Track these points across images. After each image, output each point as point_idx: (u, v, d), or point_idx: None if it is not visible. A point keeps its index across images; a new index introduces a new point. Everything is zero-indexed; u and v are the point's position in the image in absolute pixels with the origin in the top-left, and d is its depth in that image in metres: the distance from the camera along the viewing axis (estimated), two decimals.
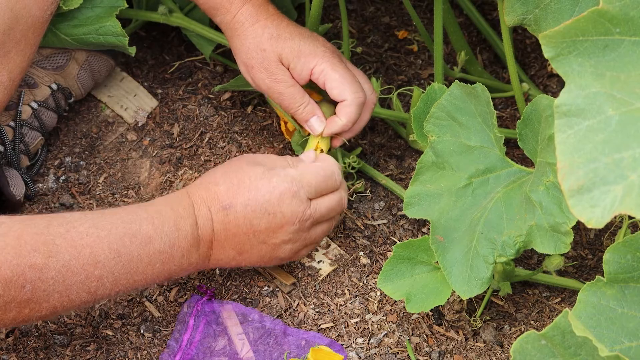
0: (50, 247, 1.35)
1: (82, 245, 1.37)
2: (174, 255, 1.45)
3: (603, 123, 1.06)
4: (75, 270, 1.36)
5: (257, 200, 1.49)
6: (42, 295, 1.34)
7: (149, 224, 1.43)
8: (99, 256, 1.38)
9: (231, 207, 1.49)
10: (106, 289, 1.40)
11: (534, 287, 1.64)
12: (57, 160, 1.80)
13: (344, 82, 1.61)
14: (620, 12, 1.10)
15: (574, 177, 1.03)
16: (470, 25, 1.99)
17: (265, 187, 1.50)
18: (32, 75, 1.77)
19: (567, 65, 1.11)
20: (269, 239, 1.51)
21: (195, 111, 1.86)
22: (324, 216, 1.55)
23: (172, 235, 1.44)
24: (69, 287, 1.36)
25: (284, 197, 1.50)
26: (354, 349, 1.57)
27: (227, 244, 1.50)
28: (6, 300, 1.32)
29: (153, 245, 1.43)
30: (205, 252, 1.49)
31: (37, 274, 1.33)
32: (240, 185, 1.50)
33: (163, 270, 1.45)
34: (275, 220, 1.50)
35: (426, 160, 1.55)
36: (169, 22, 1.82)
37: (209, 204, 1.49)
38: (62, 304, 1.37)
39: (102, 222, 1.41)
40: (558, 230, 1.39)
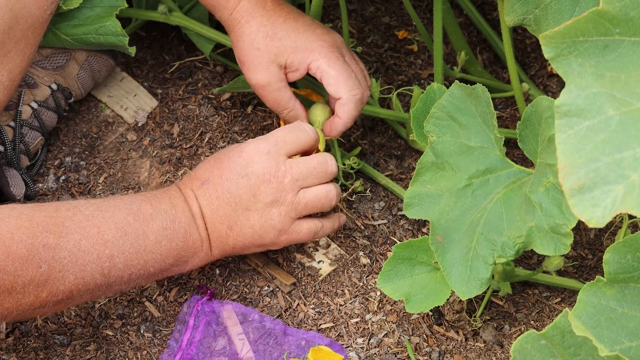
0: (61, 229, 1.37)
1: (89, 225, 1.40)
2: (176, 230, 1.48)
3: (603, 123, 1.06)
4: (86, 249, 1.39)
5: (229, 167, 1.52)
6: (58, 275, 1.36)
7: (147, 204, 1.47)
8: (106, 235, 1.41)
9: (208, 181, 1.52)
10: (119, 270, 1.42)
11: (534, 287, 1.64)
12: (57, 160, 1.80)
13: (340, 79, 1.61)
14: (621, 13, 1.10)
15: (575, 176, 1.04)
16: (470, 25, 1.99)
17: (236, 153, 1.53)
18: (32, 75, 1.77)
19: (567, 65, 1.11)
20: (252, 203, 1.52)
21: (195, 111, 1.86)
22: (304, 176, 1.54)
23: (170, 212, 1.48)
24: (83, 267, 1.38)
25: (253, 156, 1.52)
26: (354, 349, 1.57)
27: (215, 219, 1.52)
28: (24, 280, 1.33)
29: (155, 222, 1.46)
30: (203, 229, 1.51)
31: (51, 253, 1.35)
32: (215, 162, 1.54)
33: (170, 248, 1.47)
34: (250, 182, 1.51)
35: (426, 160, 1.55)
36: (169, 21, 1.82)
37: (190, 186, 1.53)
38: (77, 287, 1.39)
39: (104, 205, 1.45)
40: (558, 231, 1.39)
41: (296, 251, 1.68)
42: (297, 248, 1.68)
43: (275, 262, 1.67)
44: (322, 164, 1.56)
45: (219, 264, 1.66)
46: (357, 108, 1.63)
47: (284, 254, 1.67)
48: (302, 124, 1.59)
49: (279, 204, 1.53)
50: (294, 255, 1.67)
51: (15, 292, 1.34)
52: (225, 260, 1.66)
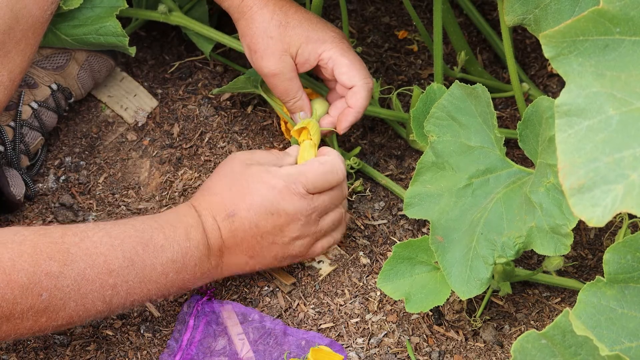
0: (66, 256, 1.36)
1: (96, 253, 1.38)
2: (186, 264, 1.46)
3: (604, 123, 1.06)
4: (90, 278, 1.37)
5: (259, 203, 1.50)
6: (59, 303, 1.35)
7: (160, 233, 1.45)
8: (113, 264, 1.39)
9: (235, 214, 1.50)
10: (121, 298, 1.41)
11: (534, 287, 1.64)
12: (57, 160, 1.80)
13: (353, 68, 1.62)
14: (621, 12, 1.10)
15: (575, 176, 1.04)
16: (470, 25, 1.99)
17: (264, 187, 1.51)
18: (32, 75, 1.77)
19: (567, 65, 1.11)
20: (278, 238, 1.52)
21: (195, 111, 1.86)
22: (328, 207, 1.56)
23: (184, 245, 1.46)
24: (85, 295, 1.37)
25: (283, 194, 1.51)
26: (354, 349, 1.57)
27: (237, 250, 1.51)
28: (23, 308, 1.32)
29: (165, 254, 1.44)
30: (217, 260, 1.50)
31: (54, 281, 1.34)
32: (239, 191, 1.51)
33: (177, 280, 1.46)
34: (280, 220, 1.51)
35: (426, 160, 1.55)
36: (169, 20, 1.82)
37: (213, 214, 1.50)
38: (78, 314, 1.38)
39: (115, 231, 1.42)
40: (558, 231, 1.39)
41: None
42: None
43: None
44: (341, 192, 1.59)
45: None
46: (369, 97, 1.64)
47: None
48: (337, 164, 1.57)
49: (303, 237, 1.55)
50: None
51: (14, 318, 1.33)
52: None
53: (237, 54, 1.92)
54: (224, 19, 1.92)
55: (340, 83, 1.64)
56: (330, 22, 1.68)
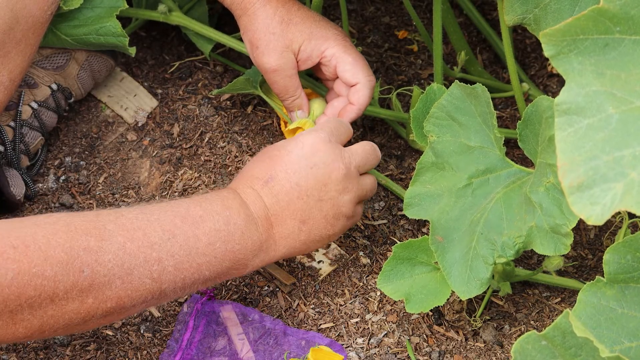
0: (102, 232, 1.31)
1: (133, 228, 1.34)
2: (232, 233, 1.41)
3: (603, 121, 1.06)
4: (132, 252, 1.32)
5: (293, 161, 1.48)
6: (103, 280, 1.29)
7: (197, 206, 1.41)
8: (152, 237, 1.34)
9: (272, 178, 1.47)
10: (170, 274, 1.35)
11: (534, 287, 1.64)
12: (57, 160, 1.80)
13: (357, 65, 1.63)
14: (621, 11, 1.10)
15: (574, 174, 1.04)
16: (470, 25, 1.99)
17: (294, 146, 1.49)
18: (32, 75, 1.77)
19: (567, 63, 1.11)
20: (324, 193, 1.49)
21: (195, 111, 1.86)
22: (364, 162, 1.54)
23: (224, 214, 1.41)
24: (130, 271, 1.31)
25: (316, 145, 1.49)
26: (354, 349, 1.57)
27: (285, 215, 1.47)
28: (66, 285, 1.26)
29: (206, 224, 1.39)
30: (267, 229, 1.46)
31: (94, 256, 1.28)
32: (272, 158, 1.49)
33: (226, 251, 1.40)
34: (319, 172, 1.49)
35: (426, 160, 1.55)
36: (168, 20, 1.82)
37: (250, 185, 1.47)
38: (126, 293, 1.31)
39: (148, 208, 1.38)
40: (558, 231, 1.39)
41: None
42: None
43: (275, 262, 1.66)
44: (375, 150, 1.58)
45: None
46: (371, 95, 1.64)
47: None
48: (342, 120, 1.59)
49: (348, 190, 1.51)
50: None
51: (58, 298, 1.26)
52: None
53: (237, 54, 1.92)
54: (224, 19, 1.92)
55: (343, 80, 1.64)
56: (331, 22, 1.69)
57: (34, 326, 1.27)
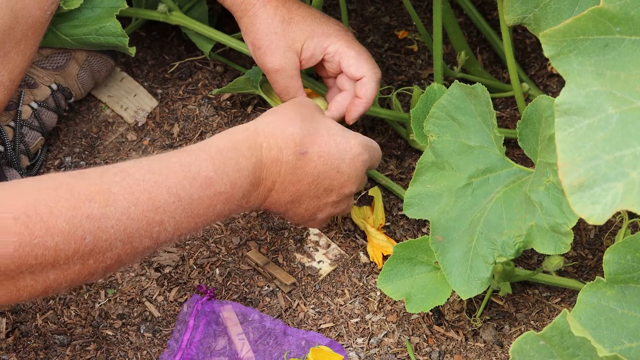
0: (107, 196, 1.29)
1: (139, 191, 1.32)
2: (234, 195, 1.41)
3: (603, 121, 1.06)
4: (136, 217, 1.31)
5: (332, 155, 1.48)
6: (105, 245, 1.29)
7: (209, 164, 1.39)
8: (158, 201, 1.33)
9: (307, 154, 1.47)
10: (168, 234, 1.36)
11: (534, 287, 1.64)
12: (57, 160, 1.80)
13: (361, 59, 1.63)
14: (621, 11, 1.10)
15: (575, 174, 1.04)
16: (470, 25, 1.99)
17: (343, 145, 1.50)
18: (32, 75, 1.77)
19: (567, 64, 1.11)
20: (324, 195, 1.51)
21: (195, 111, 1.86)
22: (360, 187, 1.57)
23: (234, 176, 1.40)
24: (131, 235, 1.31)
25: (357, 160, 1.51)
26: (354, 349, 1.57)
27: (287, 189, 1.47)
28: (67, 254, 1.26)
29: (214, 187, 1.38)
30: (265, 193, 1.46)
31: (96, 223, 1.28)
32: (317, 135, 1.48)
33: (223, 210, 1.41)
34: (339, 180, 1.50)
35: (426, 160, 1.55)
36: (168, 20, 1.82)
37: (281, 146, 1.45)
38: (125, 252, 1.32)
39: (158, 166, 1.36)
40: (558, 230, 1.39)
41: (296, 251, 1.68)
42: (297, 248, 1.68)
43: (275, 262, 1.67)
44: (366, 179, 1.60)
45: (219, 264, 1.66)
46: (377, 87, 1.65)
47: (283, 253, 1.67)
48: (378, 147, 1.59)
49: (337, 206, 1.55)
50: (294, 255, 1.67)
51: (59, 264, 1.26)
52: (225, 260, 1.66)
53: (237, 54, 1.92)
54: (224, 19, 1.92)
55: (349, 75, 1.64)
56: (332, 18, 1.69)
57: (36, 290, 1.28)
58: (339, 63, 1.64)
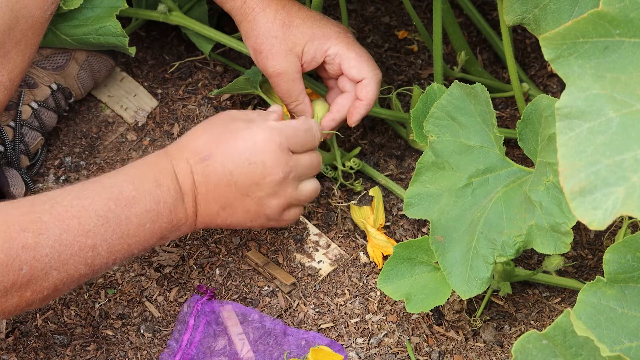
0: (39, 225, 1.33)
1: (68, 217, 1.35)
2: (161, 212, 1.43)
3: (604, 125, 1.06)
4: (68, 243, 1.34)
5: (238, 150, 1.47)
6: (41, 274, 1.32)
7: (130, 185, 1.42)
8: (87, 225, 1.36)
9: (210, 157, 1.47)
10: (103, 258, 1.38)
11: (534, 287, 1.64)
12: (57, 160, 1.80)
13: (362, 61, 1.62)
14: (620, 14, 1.10)
15: (576, 179, 1.04)
16: (470, 25, 1.99)
17: (247, 136, 1.48)
18: (32, 75, 1.77)
19: (567, 67, 1.11)
20: (252, 191, 1.49)
21: (195, 111, 1.86)
22: (305, 173, 1.53)
23: (155, 192, 1.43)
24: (65, 261, 1.34)
25: (266, 145, 1.48)
26: (354, 349, 1.57)
27: (209, 197, 1.48)
28: (6, 285, 1.30)
29: (138, 205, 1.41)
30: (191, 206, 1.47)
31: (32, 253, 1.31)
32: (220, 137, 1.48)
33: (154, 229, 1.43)
34: (257, 171, 1.48)
35: (426, 160, 1.55)
36: (168, 20, 1.82)
37: (187, 157, 1.47)
38: (61, 281, 1.35)
39: (84, 192, 1.39)
40: (558, 230, 1.39)
41: (296, 251, 1.68)
42: (297, 248, 1.68)
43: (275, 262, 1.67)
44: (318, 161, 1.56)
45: (219, 264, 1.66)
46: (378, 89, 1.64)
47: (283, 253, 1.67)
48: (314, 124, 1.57)
49: (279, 196, 1.51)
50: (294, 255, 1.67)
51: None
52: (225, 260, 1.66)
53: (237, 54, 1.92)
54: (224, 19, 1.92)
55: (349, 77, 1.64)
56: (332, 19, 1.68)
57: None
58: (340, 65, 1.63)
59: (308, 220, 1.71)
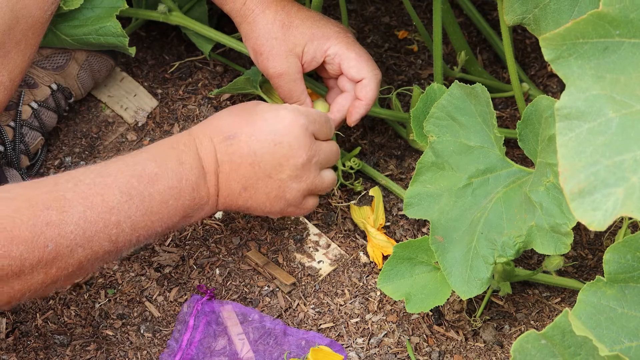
0: (62, 202, 1.34)
1: (92, 194, 1.36)
2: (183, 189, 1.44)
3: (604, 125, 1.06)
4: (92, 219, 1.35)
5: (264, 130, 1.48)
6: (66, 251, 1.33)
7: (152, 162, 1.43)
8: (111, 202, 1.37)
9: (235, 136, 1.48)
10: (127, 235, 1.39)
11: (534, 287, 1.64)
12: (57, 160, 1.80)
13: (361, 61, 1.63)
14: (620, 15, 1.10)
15: (575, 180, 1.04)
16: (470, 25, 1.99)
17: (273, 117, 1.49)
18: (32, 75, 1.77)
19: (567, 67, 1.11)
20: (275, 172, 1.49)
21: (195, 111, 1.86)
22: (326, 160, 1.55)
23: (177, 170, 1.44)
24: (90, 238, 1.35)
25: (292, 127, 1.49)
26: (354, 349, 1.57)
27: (232, 177, 1.48)
28: (32, 262, 1.30)
29: (161, 182, 1.42)
30: (214, 185, 1.48)
31: (56, 230, 1.32)
32: (245, 117, 1.50)
33: (177, 207, 1.44)
34: (281, 151, 1.49)
35: (426, 160, 1.55)
36: (168, 20, 1.82)
37: (211, 136, 1.48)
38: (86, 257, 1.36)
39: (106, 170, 1.41)
40: (558, 230, 1.39)
41: (296, 251, 1.68)
42: (297, 248, 1.68)
43: (275, 262, 1.67)
44: (337, 151, 1.59)
45: (219, 264, 1.66)
46: (378, 89, 1.65)
47: (283, 253, 1.68)
48: (330, 118, 1.59)
49: (301, 180, 1.51)
50: (294, 255, 1.67)
51: (24, 274, 1.30)
52: (225, 260, 1.67)
53: (237, 54, 1.92)
54: (224, 19, 1.92)
55: (349, 77, 1.64)
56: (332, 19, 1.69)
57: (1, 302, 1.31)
58: (340, 65, 1.64)
59: (308, 220, 1.71)
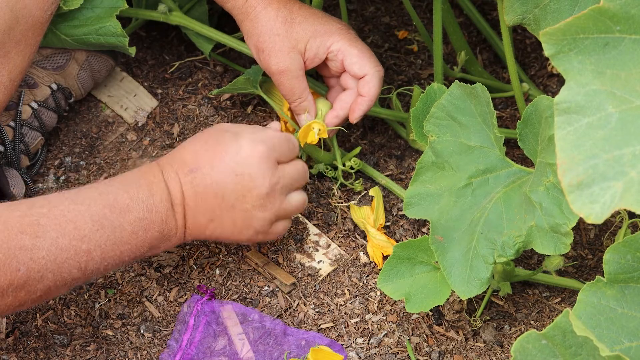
0: (36, 228, 1.35)
1: (65, 221, 1.38)
2: (153, 221, 1.45)
3: (603, 120, 1.06)
4: (64, 246, 1.37)
5: (225, 161, 1.49)
6: (37, 276, 1.35)
7: (124, 192, 1.44)
8: (83, 230, 1.39)
9: (198, 169, 1.49)
10: (96, 264, 1.41)
11: (534, 287, 1.64)
12: (57, 160, 1.80)
13: (364, 57, 1.63)
14: (621, 10, 1.10)
15: (574, 173, 1.04)
16: (470, 25, 1.99)
17: (233, 148, 1.50)
18: (32, 75, 1.77)
19: (567, 62, 1.11)
20: (239, 203, 1.50)
21: (195, 111, 1.86)
22: (292, 183, 1.54)
23: (149, 201, 1.45)
24: (61, 264, 1.37)
25: (251, 157, 1.49)
26: (354, 349, 1.57)
27: (197, 210, 1.49)
28: (3, 285, 1.32)
29: (132, 213, 1.44)
30: (181, 218, 1.49)
31: (29, 254, 1.34)
32: (207, 149, 1.50)
33: (146, 238, 1.45)
34: (243, 182, 1.49)
35: (426, 160, 1.55)
36: (169, 20, 1.82)
37: (176, 169, 1.49)
38: (55, 283, 1.38)
39: (79, 197, 1.42)
40: (558, 230, 1.39)
41: (296, 251, 1.68)
42: (297, 248, 1.68)
43: (275, 262, 1.67)
44: (304, 171, 1.57)
45: (219, 264, 1.66)
46: (380, 85, 1.65)
47: (284, 253, 1.67)
48: (292, 136, 1.58)
49: (266, 209, 1.52)
50: (294, 255, 1.67)
51: None
52: (225, 260, 1.66)
53: (237, 54, 1.92)
54: (224, 19, 1.92)
55: (351, 73, 1.64)
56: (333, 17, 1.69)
57: None
58: (342, 61, 1.64)
59: (308, 220, 1.71)
